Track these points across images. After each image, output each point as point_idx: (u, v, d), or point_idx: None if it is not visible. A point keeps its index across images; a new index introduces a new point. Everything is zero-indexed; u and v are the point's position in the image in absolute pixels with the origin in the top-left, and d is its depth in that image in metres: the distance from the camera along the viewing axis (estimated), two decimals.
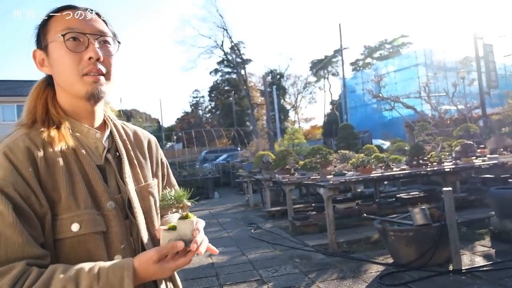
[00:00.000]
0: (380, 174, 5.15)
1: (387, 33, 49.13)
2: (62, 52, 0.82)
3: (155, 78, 66.18)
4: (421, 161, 5.34)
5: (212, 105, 39.71)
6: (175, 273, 0.93)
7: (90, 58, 0.82)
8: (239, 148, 20.29)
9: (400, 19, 60.74)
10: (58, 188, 0.78)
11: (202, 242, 0.80)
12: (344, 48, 21.38)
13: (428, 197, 6.59)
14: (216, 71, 36.45)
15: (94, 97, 0.84)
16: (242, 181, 11.01)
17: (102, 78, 0.84)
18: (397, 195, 7.08)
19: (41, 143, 0.80)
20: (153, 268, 0.74)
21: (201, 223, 0.83)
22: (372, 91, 14.08)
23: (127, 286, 0.71)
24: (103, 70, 0.84)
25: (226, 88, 37.35)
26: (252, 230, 6.31)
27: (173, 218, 0.98)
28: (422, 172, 5.20)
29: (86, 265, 0.73)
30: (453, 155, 5.99)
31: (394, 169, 5.41)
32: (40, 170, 0.77)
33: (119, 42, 0.91)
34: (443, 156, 5.54)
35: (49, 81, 0.90)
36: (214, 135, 25.36)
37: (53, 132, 0.81)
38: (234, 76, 35.72)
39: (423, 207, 3.87)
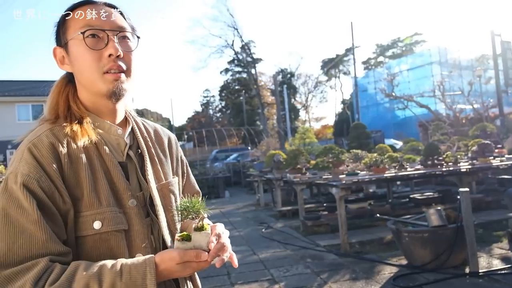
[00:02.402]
0: (394, 174, 5.07)
1: (400, 31, 48.73)
2: (82, 49, 0.81)
3: (166, 78, 66.76)
4: (436, 161, 5.23)
5: (223, 105, 39.86)
6: (195, 273, 0.92)
7: (110, 55, 0.81)
8: (249, 148, 20.29)
9: (413, 16, 59.81)
10: (81, 184, 0.78)
11: (226, 251, 0.80)
12: (356, 47, 21.15)
13: (443, 198, 6.47)
14: (226, 70, 36.59)
15: (115, 95, 0.83)
16: (252, 181, 11.01)
17: (123, 75, 0.83)
18: (411, 196, 6.98)
19: (65, 139, 0.79)
20: (175, 267, 0.74)
21: (226, 234, 0.84)
22: (384, 90, 13.91)
23: (150, 282, 0.71)
24: (124, 67, 0.83)
25: (237, 87, 37.44)
26: (263, 230, 6.30)
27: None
28: (437, 172, 5.10)
29: (108, 262, 0.73)
30: (469, 155, 5.85)
31: (408, 169, 5.32)
32: (64, 166, 0.77)
33: (138, 37, 0.89)
34: (459, 156, 5.42)
35: (69, 78, 0.89)
36: (224, 135, 25.42)
37: (76, 127, 0.80)
38: (244, 75, 35.79)
39: (439, 208, 3.79)
